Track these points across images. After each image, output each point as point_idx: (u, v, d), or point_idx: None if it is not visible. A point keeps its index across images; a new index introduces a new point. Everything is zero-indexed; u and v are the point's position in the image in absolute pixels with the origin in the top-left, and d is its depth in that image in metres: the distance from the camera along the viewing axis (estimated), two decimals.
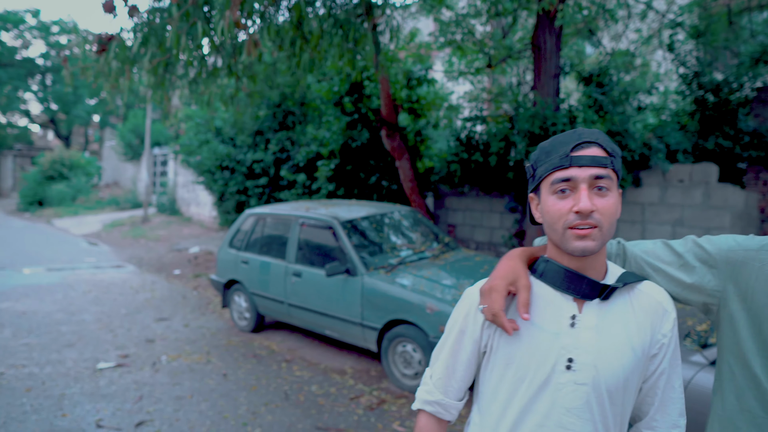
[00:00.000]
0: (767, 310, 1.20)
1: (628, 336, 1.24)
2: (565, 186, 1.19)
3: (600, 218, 1.17)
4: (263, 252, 6.27)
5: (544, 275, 1.29)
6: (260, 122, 11.58)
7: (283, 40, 6.55)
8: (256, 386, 4.92)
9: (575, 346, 1.23)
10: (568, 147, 1.20)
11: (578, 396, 1.22)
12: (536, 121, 6.76)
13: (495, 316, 1.23)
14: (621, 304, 1.27)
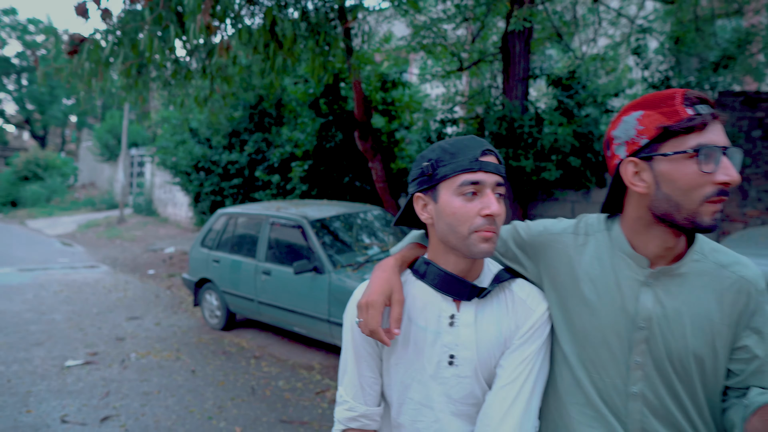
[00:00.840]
0: (568, 290, 1.30)
1: (500, 331, 1.32)
2: (474, 189, 1.23)
3: (499, 223, 1.26)
4: (234, 251, 6.34)
5: (426, 277, 1.34)
6: (236, 123, 11.61)
7: (256, 43, 6.63)
8: (224, 382, 4.99)
9: (456, 343, 1.30)
10: (477, 152, 1.24)
11: (463, 387, 1.31)
12: (504, 124, 6.92)
13: (372, 332, 1.27)
14: (496, 300, 1.35)
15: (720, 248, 1.25)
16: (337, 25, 7.27)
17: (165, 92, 8.19)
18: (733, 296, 1.19)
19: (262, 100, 11.42)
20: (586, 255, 1.31)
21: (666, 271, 1.21)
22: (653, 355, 1.21)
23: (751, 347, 1.18)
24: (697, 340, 1.19)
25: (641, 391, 1.22)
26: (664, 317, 1.20)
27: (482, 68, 9.17)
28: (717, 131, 1.11)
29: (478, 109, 9.03)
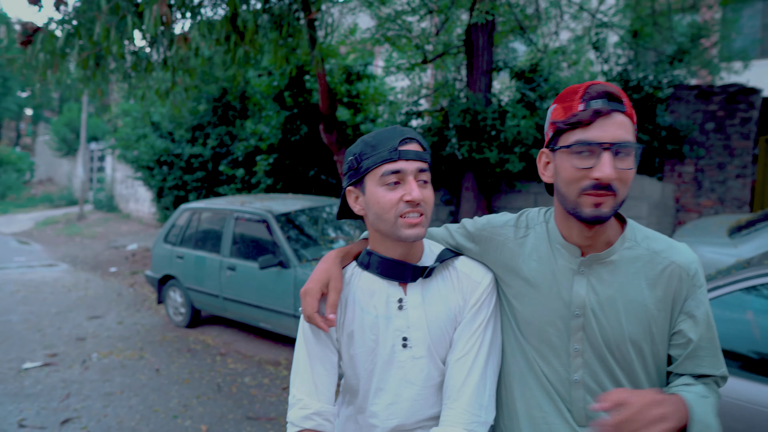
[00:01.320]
0: (511, 281, 1.36)
1: (449, 307, 1.37)
2: (395, 178, 1.28)
3: (425, 207, 1.30)
4: (198, 246, 6.26)
5: (370, 267, 1.39)
6: (199, 116, 11.42)
7: (218, 35, 6.52)
8: (189, 380, 4.93)
9: (407, 325, 1.35)
10: (396, 141, 1.29)
11: (420, 369, 1.35)
12: (467, 116, 6.97)
13: (309, 318, 1.32)
14: (441, 279, 1.40)
15: (653, 235, 1.28)
16: (301, 17, 7.19)
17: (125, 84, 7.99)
18: (665, 281, 1.22)
19: (225, 92, 11.25)
20: (526, 247, 1.36)
21: (596, 258, 1.24)
22: (591, 342, 1.24)
23: (685, 331, 1.21)
24: (632, 326, 1.22)
25: (582, 379, 1.26)
26: (598, 304, 1.23)
27: (447, 61, 9.21)
28: (605, 127, 1.13)
29: (442, 102, 9.07)
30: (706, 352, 1.22)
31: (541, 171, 1.29)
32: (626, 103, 1.16)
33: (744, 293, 2.57)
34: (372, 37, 8.52)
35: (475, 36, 7.19)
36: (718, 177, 7.32)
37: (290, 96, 9.33)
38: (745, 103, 7.15)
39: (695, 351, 1.22)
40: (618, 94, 1.15)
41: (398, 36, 8.37)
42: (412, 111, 8.88)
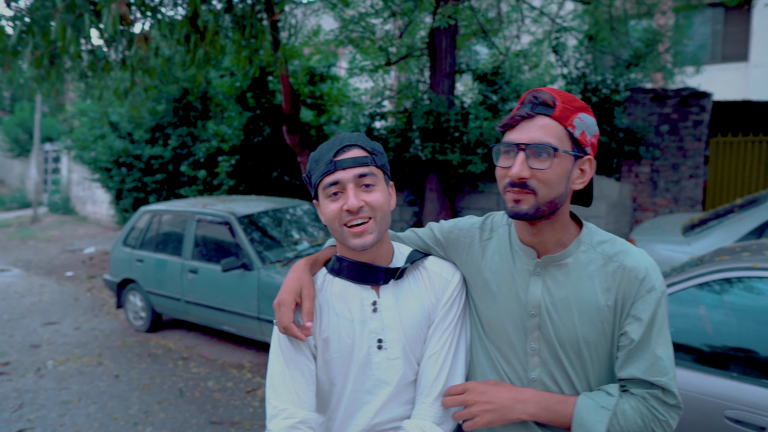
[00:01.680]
0: (476, 282, 1.41)
1: (423, 307, 1.40)
2: (336, 189, 1.30)
3: (371, 211, 1.30)
4: (159, 249, 6.14)
5: (341, 272, 1.41)
6: (159, 117, 11.20)
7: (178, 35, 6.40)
8: (150, 385, 4.83)
9: (381, 327, 1.37)
10: (332, 153, 1.31)
11: (395, 370, 1.37)
12: (431, 118, 7.03)
13: (286, 329, 1.31)
14: (413, 279, 1.43)
15: (608, 239, 1.31)
16: (264, 18, 7.13)
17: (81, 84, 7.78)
18: (616, 284, 1.25)
19: (186, 93, 11.06)
20: (489, 249, 1.40)
21: (550, 260, 1.29)
22: (546, 342, 1.28)
23: (629, 333, 1.23)
24: (585, 327, 1.25)
25: (539, 377, 1.30)
26: (552, 305, 1.28)
27: (410, 63, 9.25)
28: (525, 129, 1.21)
29: (406, 104, 9.12)
30: (642, 355, 1.22)
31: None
32: (559, 107, 1.20)
33: (697, 289, 2.66)
34: (336, 39, 8.50)
35: (438, 39, 7.26)
36: (672, 177, 7.56)
37: (253, 97, 9.24)
38: (697, 106, 7.41)
39: (632, 352, 1.23)
40: (549, 99, 1.21)
41: (362, 38, 8.38)
42: (375, 112, 8.90)
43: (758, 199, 4.74)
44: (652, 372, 1.21)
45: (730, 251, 2.92)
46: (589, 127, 1.23)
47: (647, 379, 1.21)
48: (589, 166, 1.26)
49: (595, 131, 1.25)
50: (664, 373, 1.21)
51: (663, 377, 1.20)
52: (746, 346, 2.49)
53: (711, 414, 2.34)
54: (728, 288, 2.59)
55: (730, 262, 2.65)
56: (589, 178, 1.27)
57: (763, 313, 2.52)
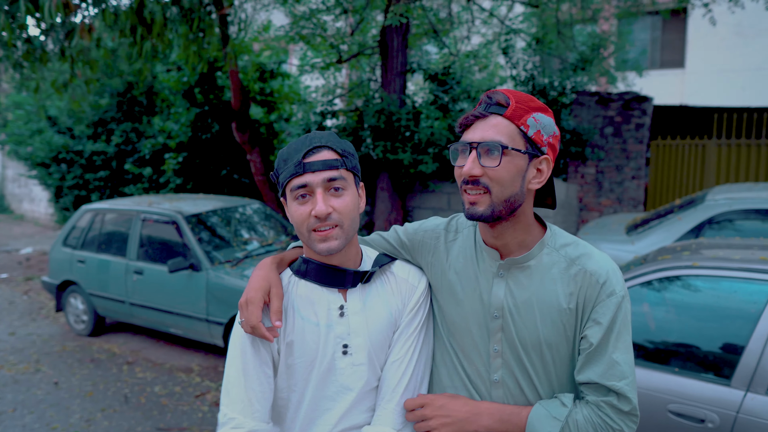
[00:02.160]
0: (440, 283, 1.40)
1: (390, 312, 1.38)
2: (304, 191, 1.26)
3: (339, 217, 1.27)
4: (102, 250, 5.91)
5: (307, 274, 1.36)
6: (102, 112, 10.79)
7: (123, 26, 6.17)
8: (93, 392, 4.65)
9: (347, 332, 1.33)
10: (300, 154, 1.26)
11: (359, 376, 1.34)
12: (382, 117, 7.03)
13: (254, 328, 1.26)
14: (380, 283, 1.41)
15: (572, 242, 1.31)
16: (212, 12, 6.97)
17: (16, 75, 7.41)
18: (578, 288, 1.25)
19: (131, 87, 10.70)
20: (454, 250, 1.40)
21: (513, 262, 1.29)
22: (509, 344, 1.29)
23: (588, 337, 1.23)
24: (547, 329, 1.25)
25: (502, 379, 1.31)
26: (515, 307, 1.28)
27: (361, 61, 9.24)
28: (477, 129, 1.23)
29: (357, 102, 9.10)
30: (600, 359, 1.21)
31: None
32: (512, 106, 1.21)
33: (641, 287, 2.76)
34: (286, 35, 8.39)
35: (390, 37, 7.27)
36: (616, 178, 7.82)
37: (201, 93, 9.02)
38: (639, 109, 7.68)
39: (590, 356, 1.23)
40: (503, 99, 1.22)
41: (313, 35, 8.30)
42: (326, 110, 8.84)
43: (696, 200, 4.96)
44: (608, 376, 1.20)
45: (672, 250, 3.04)
46: (545, 126, 1.23)
47: (603, 383, 1.20)
48: (546, 166, 1.25)
49: (552, 131, 1.24)
50: (621, 378, 1.20)
51: (619, 382, 1.20)
52: (687, 342, 2.59)
53: (655, 408, 2.43)
54: (670, 286, 2.69)
55: (671, 261, 2.75)
56: (546, 177, 1.26)
57: (702, 310, 2.63)
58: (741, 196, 4.56)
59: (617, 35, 10.27)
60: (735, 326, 2.46)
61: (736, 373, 2.35)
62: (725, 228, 4.50)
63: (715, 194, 4.79)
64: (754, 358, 2.33)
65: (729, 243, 3.06)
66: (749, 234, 4.33)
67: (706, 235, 4.47)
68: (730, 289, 2.54)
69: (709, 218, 4.51)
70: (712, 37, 12.14)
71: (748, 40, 12.34)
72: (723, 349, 2.49)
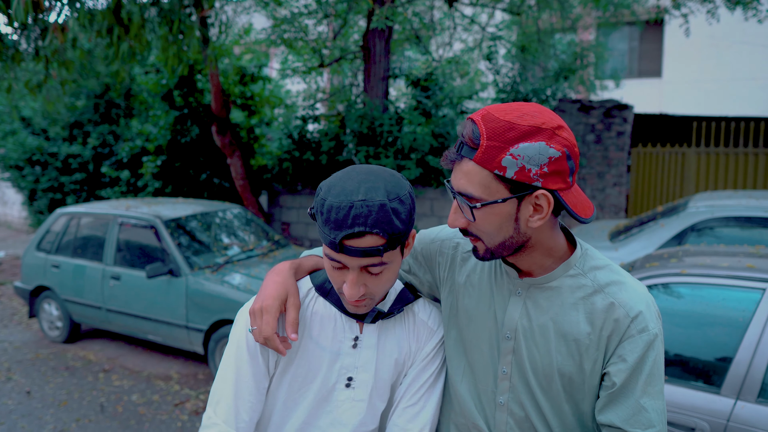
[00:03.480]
0: (457, 294, 1.31)
1: (400, 353, 1.31)
2: (339, 265, 1.13)
3: (371, 293, 1.17)
4: (77, 254, 5.76)
5: (330, 295, 1.27)
6: (78, 113, 10.58)
7: (99, 26, 6.04)
8: (67, 401, 4.51)
9: (355, 365, 1.26)
10: (339, 235, 1.06)
11: (356, 412, 1.26)
12: (365, 122, 7.00)
13: (267, 339, 1.17)
14: (398, 321, 1.32)
15: (604, 266, 1.18)
16: (193, 13, 6.86)
17: None
18: (603, 319, 1.12)
19: (108, 89, 10.52)
20: (471, 261, 1.31)
21: (532, 282, 1.18)
22: (519, 367, 1.19)
23: (612, 374, 1.11)
24: (562, 358, 1.15)
25: (507, 402, 1.22)
26: (529, 330, 1.18)
27: (343, 66, 9.21)
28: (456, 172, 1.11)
29: (339, 107, 9.06)
30: (625, 402, 1.10)
31: None
32: (483, 147, 1.03)
33: None
34: (268, 38, 8.33)
35: (373, 42, 7.25)
36: (598, 185, 7.89)
37: (180, 95, 8.89)
38: (620, 117, 7.76)
39: (613, 396, 1.11)
40: (474, 138, 1.05)
41: (295, 39, 8.25)
42: (308, 115, 8.79)
43: (678, 207, 5.00)
44: (632, 423, 1.08)
45: (659, 257, 3.04)
46: (531, 158, 1.02)
47: (626, 430, 1.08)
48: (545, 201, 1.06)
49: (545, 159, 1.02)
50: (647, 426, 1.07)
51: (645, 431, 1.07)
52: (676, 350, 2.59)
53: None
54: (658, 294, 2.68)
55: (659, 269, 2.75)
56: (549, 211, 1.07)
57: (691, 318, 2.63)
58: (722, 204, 4.61)
59: (596, 44, 10.40)
60: (724, 334, 2.46)
61: (726, 381, 2.35)
62: (707, 235, 4.54)
63: (697, 201, 4.83)
64: (744, 365, 2.33)
65: (714, 250, 3.08)
66: (730, 241, 4.38)
67: (689, 242, 4.51)
68: (719, 296, 2.54)
69: (691, 225, 4.54)
70: (688, 48, 12.37)
71: (723, 51, 12.60)
72: (712, 357, 2.48)
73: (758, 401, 2.27)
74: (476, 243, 1.14)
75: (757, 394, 2.28)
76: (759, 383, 2.29)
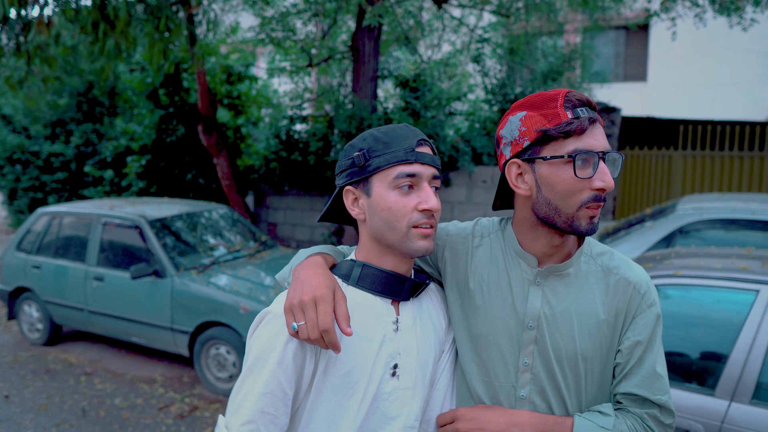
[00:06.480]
0: (465, 291, 1.28)
1: (436, 330, 1.28)
2: (410, 182, 1.13)
3: (437, 218, 1.18)
4: (59, 255, 5.64)
5: (361, 281, 1.20)
6: (61, 111, 10.43)
7: (84, 22, 5.93)
8: (47, 405, 4.40)
9: (398, 350, 1.20)
10: (413, 141, 1.14)
11: (403, 402, 1.20)
12: (353, 122, 6.95)
13: (326, 332, 1.05)
14: (427, 298, 1.30)
15: (606, 251, 1.25)
16: (180, 10, 6.78)
17: None
18: (616, 298, 1.19)
19: (92, 86, 10.38)
20: (480, 256, 1.29)
21: (553, 270, 1.20)
22: (542, 357, 1.20)
23: (627, 350, 1.19)
24: (584, 341, 1.18)
25: (529, 395, 1.21)
26: (552, 317, 1.19)
27: (331, 66, 9.15)
28: (596, 135, 1.11)
29: (326, 107, 9.00)
30: (643, 372, 1.18)
31: (513, 183, 1.18)
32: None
33: None
34: (255, 37, 8.25)
35: (362, 42, 7.20)
36: None
37: (166, 94, 8.78)
38: (607, 120, 7.80)
39: (634, 368, 1.19)
40: (593, 103, 1.13)
41: (283, 38, 8.18)
42: (295, 115, 8.72)
43: (666, 209, 5.01)
44: (653, 390, 1.17)
45: (652, 259, 3.03)
46: None
47: (648, 398, 1.16)
48: None
49: None
50: (665, 391, 1.17)
51: (663, 395, 1.17)
52: (670, 351, 2.57)
53: None
54: None
55: (653, 270, 2.73)
56: None
57: (685, 319, 2.61)
58: (710, 206, 4.62)
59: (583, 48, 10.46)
60: (718, 335, 2.45)
61: (720, 382, 2.33)
62: (694, 237, 4.56)
63: (685, 204, 4.85)
64: (738, 367, 2.32)
65: (707, 252, 3.07)
66: (717, 243, 4.39)
67: (677, 244, 4.52)
68: (713, 298, 2.53)
69: (679, 227, 4.55)
70: (672, 53, 12.50)
71: (706, 56, 12.73)
72: (707, 359, 2.47)
73: (752, 402, 2.26)
74: (599, 211, 1.14)
75: (751, 395, 2.26)
76: (753, 384, 2.28)
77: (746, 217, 4.38)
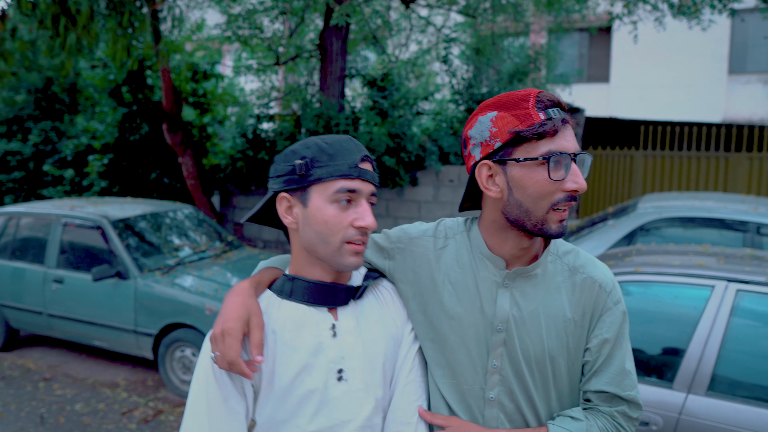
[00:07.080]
0: (429, 295, 1.26)
1: (386, 328, 1.26)
2: (349, 197, 1.14)
3: (369, 236, 1.19)
4: (16, 257, 5.47)
5: (294, 294, 1.21)
6: (17, 108, 10.11)
7: (43, 16, 5.77)
8: (3, 413, 4.26)
9: (341, 355, 1.19)
10: (356, 157, 1.15)
11: (357, 404, 1.19)
12: (321, 121, 6.93)
13: (231, 364, 1.10)
14: (374, 298, 1.29)
15: (572, 250, 1.26)
16: (144, 6, 6.65)
17: None
18: (583, 296, 1.20)
19: (51, 83, 10.09)
20: (445, 258, 1.27)
21: (521, 272, 1.19)
22: (510, 359, 1.19)
23: (595, 348, 1.20)
24: (552, 341, 1.19)
25: (498, 397, 1.21)
26: (521, 319, 1.19)
27: (299, 64, 9.10)
28: (567, 137, 1.10)
29: (294, 106, 8.95)
30: (612, 369, 1.20)
31: (483, 184, 1.16)
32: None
33: None
34: (221, 35, 8.14)
35: (330, 41, 7.18)
36: None
37: (129, 92, 8.59)
38: (573, 120, 7.94)
39: (602, 366, 1.20)
40: (563, 104, 1.13)
41: (250, 36, 8.09)
42: (262, 114, 8.64)
43: (627, 208, 5.14)
44: (623, 387, 1.19)
45: (614, 257, 3.10)
46: None
47: (618, 394, 1.19)
48: None
49: None
50: (633, 387, 1.20)
51: (632, 391, 1.20)
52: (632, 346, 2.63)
53: None
54: None
55: (615, 267, 2.80)
56: None
57: (644, 315, 2.68)
58: (669, 205, 4.75)
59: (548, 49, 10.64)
60: (676, 330, 2.52)
61: (678, 375, 2.40)
62: (654, 235, 4.68)
63: (645, 203, 4.97)
64: (695, 360, 2.39)
65: (666, 249, 3.15)
66: (676, 240, 4.52)
67: (638, 241, 4.63)
68: (672, 294, 2.60)
69: (640, 225, 4.67)
70: (634, 55, 12.80)
71: (665, 58, 13.08)
72: (665, 353, 2.54)
73: (708, 394, 2.33)
74: (567, 213, 1.14)
75: (706, 387, 2.34)
76: (708, 377, 2.35)
77: (703, 215, 4.52)
